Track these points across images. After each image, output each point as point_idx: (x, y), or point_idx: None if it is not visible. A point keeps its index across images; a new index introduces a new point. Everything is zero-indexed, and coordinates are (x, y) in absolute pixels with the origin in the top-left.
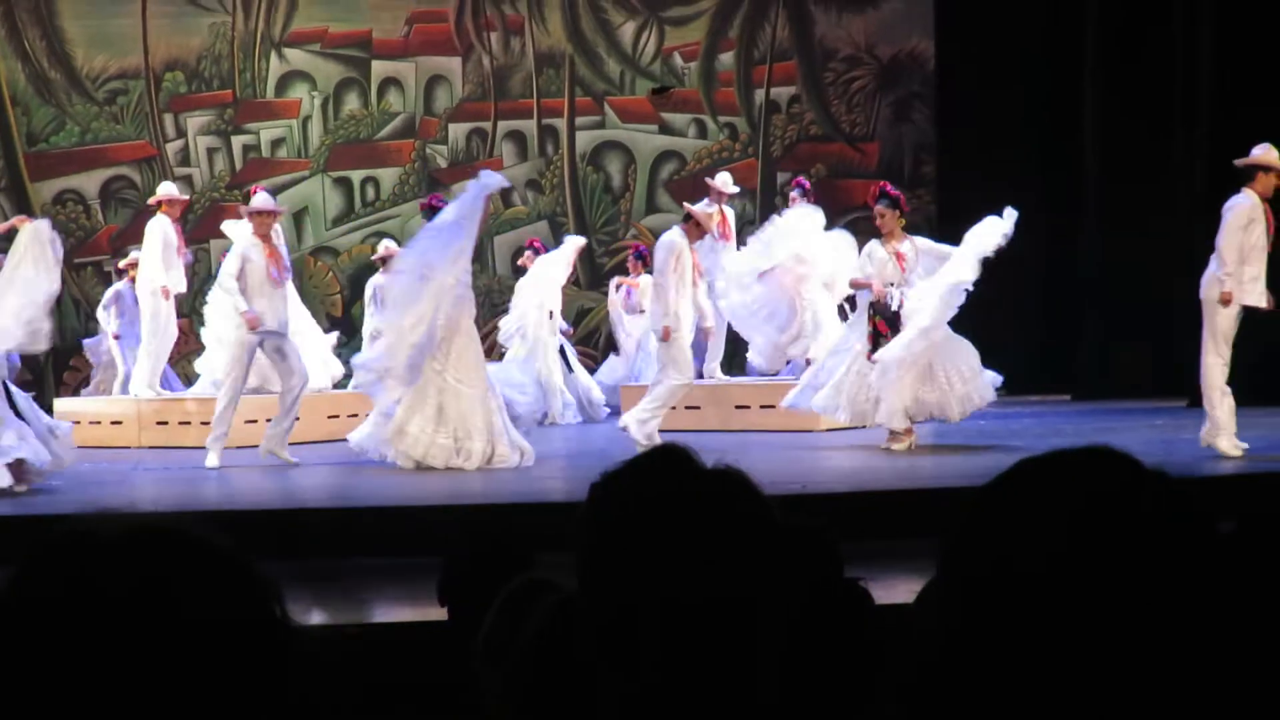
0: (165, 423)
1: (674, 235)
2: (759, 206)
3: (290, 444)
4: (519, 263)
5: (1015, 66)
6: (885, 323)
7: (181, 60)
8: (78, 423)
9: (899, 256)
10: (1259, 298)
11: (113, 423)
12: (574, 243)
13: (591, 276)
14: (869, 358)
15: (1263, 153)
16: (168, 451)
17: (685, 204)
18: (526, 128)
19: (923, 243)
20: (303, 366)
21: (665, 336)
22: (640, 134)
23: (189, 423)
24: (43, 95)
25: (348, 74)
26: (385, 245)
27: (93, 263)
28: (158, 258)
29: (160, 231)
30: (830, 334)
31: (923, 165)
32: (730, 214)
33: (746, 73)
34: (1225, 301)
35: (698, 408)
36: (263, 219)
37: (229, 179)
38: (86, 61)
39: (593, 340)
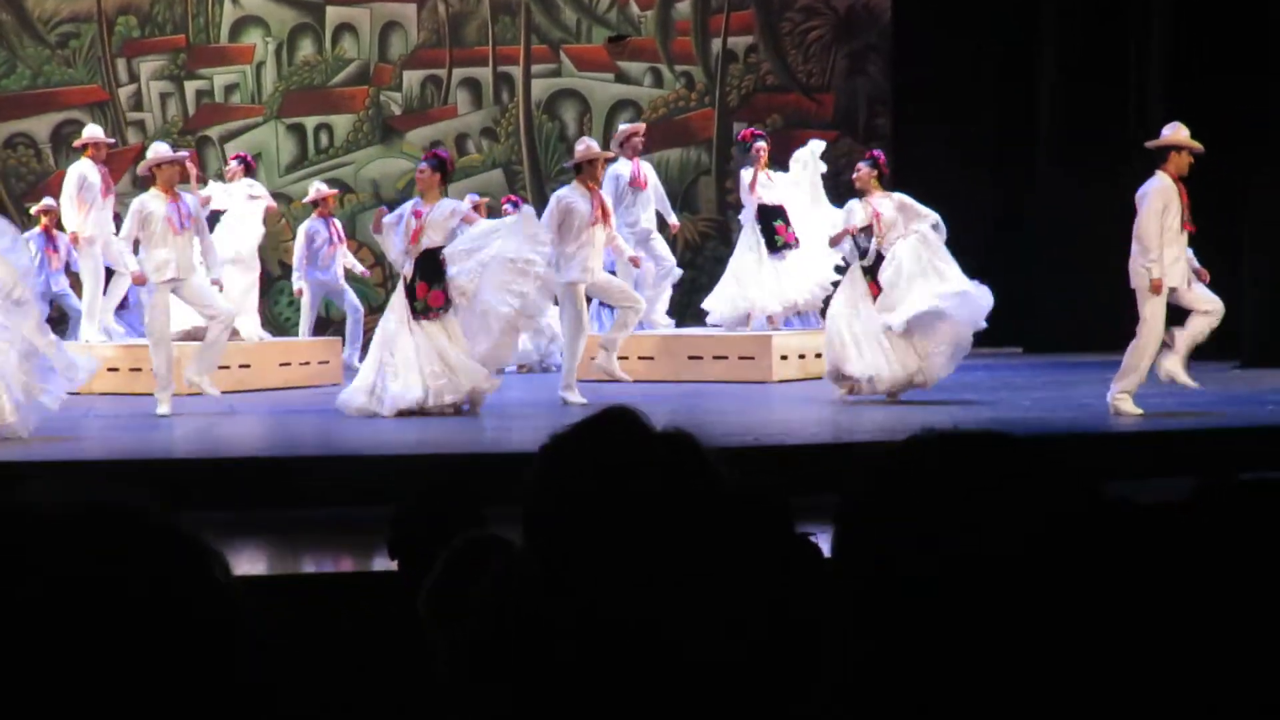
0: (116, 369)
1: (561, 192)
2: (715, 156)
3: (239, 391)
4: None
5: (972, 19)
6: (875, 283)
7: (135, 4)
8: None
9: (876, 215)
10: (1180, 279)
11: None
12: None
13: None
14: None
15: (1173, 132)
16: (120, 399)
17: (574, 154)
18: (482, 75)
19: (903, 200)
20: (222, 302)
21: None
22: (596, 83)
23: (140, 369)
24: None
25: (302, 19)
26: (316, 188)
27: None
28: (72, 202)
29: (77, 175)
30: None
31: (877, 117)
32: (647, 166)
33: (703, 22)
34: (1156, 289)
35: (651, 358)
36: (167, 170)
37: (182, 125)
38: (38, 4)
39: None
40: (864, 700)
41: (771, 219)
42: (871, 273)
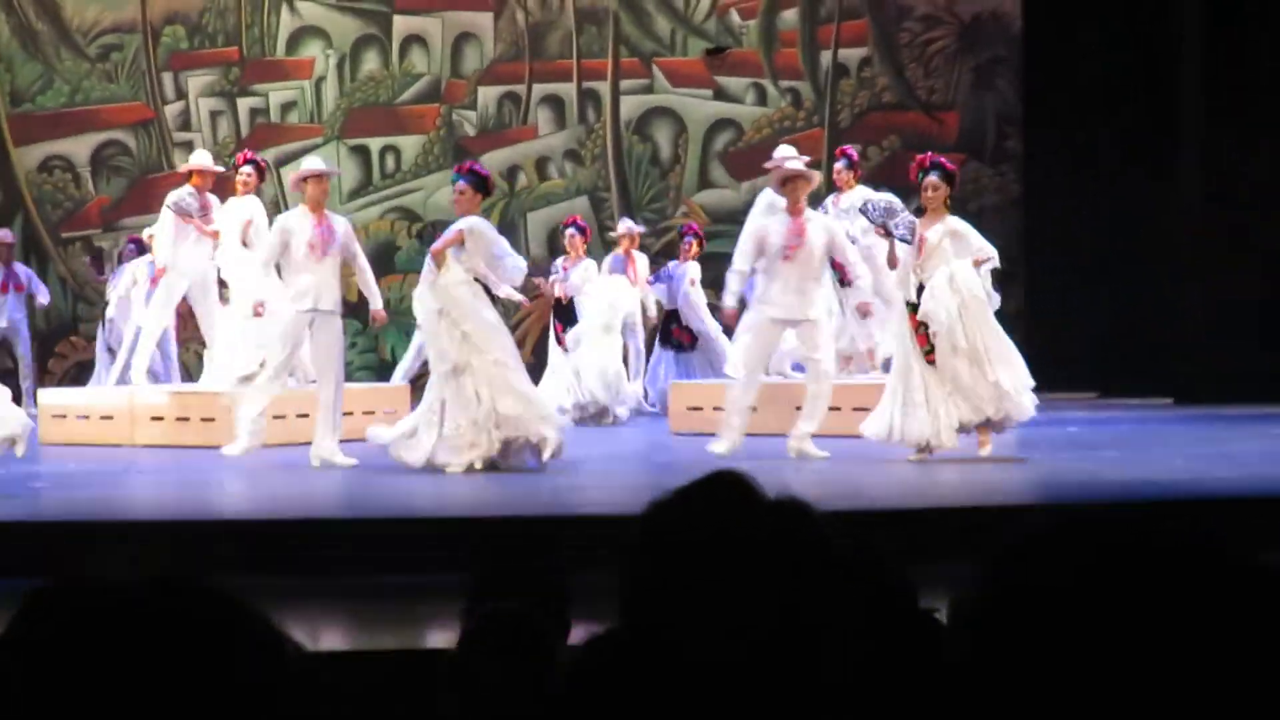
0: (161, 419)
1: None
2: (824, 182)
3: (279, 445)
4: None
5: (1110, 28)
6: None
7: (182, 13)
8: (62, 417)
9: (921, 241)
10: None
11: (103, 417)
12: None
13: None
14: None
15: None
16: (163, 451)
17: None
18: (565, 92)
19: (957, 224)
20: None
21: None
22: (692, 100)
23: (187, 419)
24: (28, 50)
25: (366, 30)
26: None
27: (81, 237)
28: (168, 231)
29: (172, 206)
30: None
31: (1006, 138)
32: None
33: (812, 32)
34: None
35: (754, 409)
36: (316, 186)
37: (234, 146)
38: (77, 13)
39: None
40: None
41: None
42: (913, 307)
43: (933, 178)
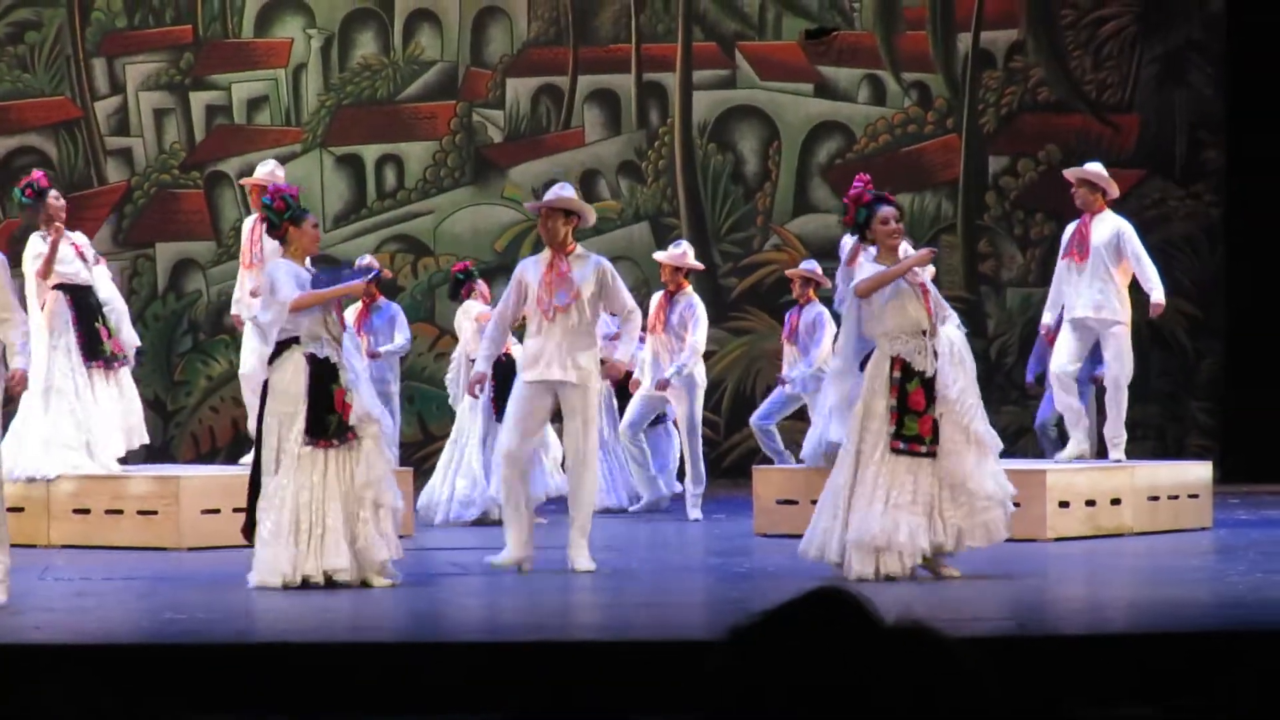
0: (86, 510)
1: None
2: (961, 205)
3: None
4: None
5: None
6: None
7: None
8: None
9: (924, 290)
10: None
11: (10, 509)
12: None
13: (714, 306)
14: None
15: None
16: (85, 553)
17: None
18: (621, 85)
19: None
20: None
21: None
22: (787, 97)
23: (120, 511)
24: None
25: (360, 3)
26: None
27: None
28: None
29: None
30: None
31: (1204, 148)
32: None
33: (945, 9)
34: None
35: None
36: (556, 219)
37: (185, 155)
38: None
39: (714, 397)
40: None
41: None
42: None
43: (885, 209)
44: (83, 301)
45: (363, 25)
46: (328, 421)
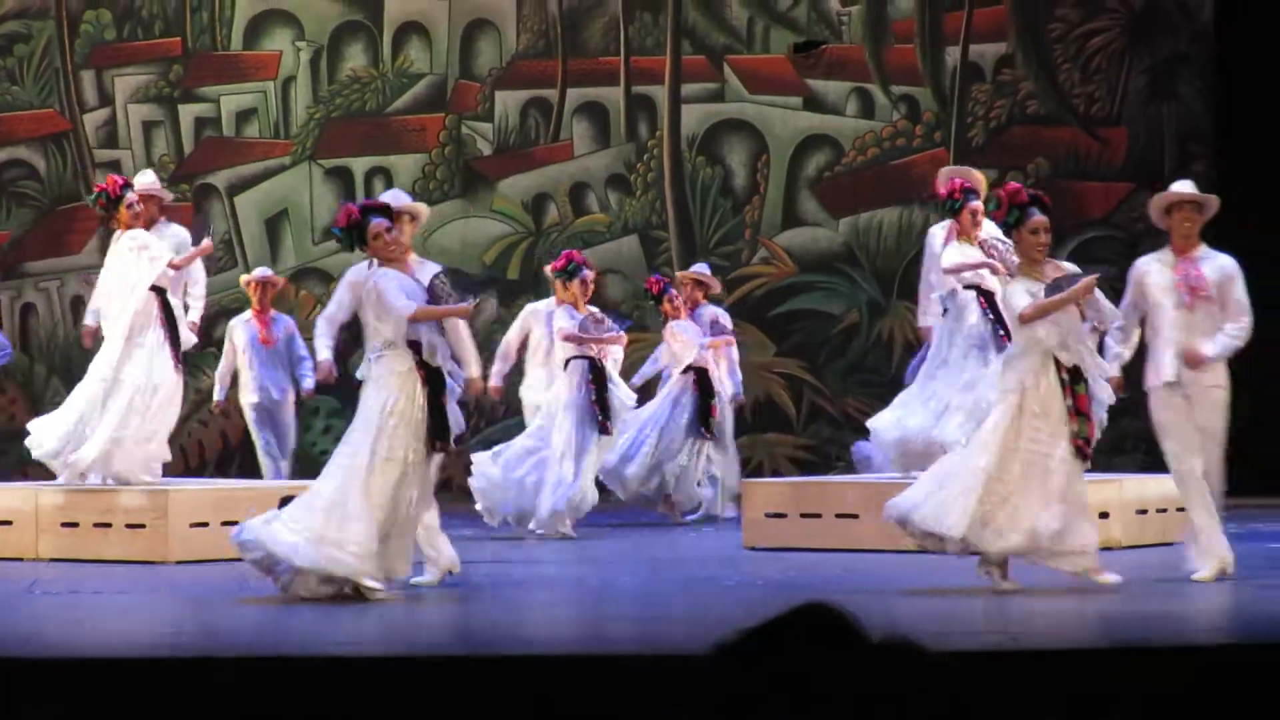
0: (75, 524)
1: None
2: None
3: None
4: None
5: None
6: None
7: None
8: None
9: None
10: None
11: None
12: None
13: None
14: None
15: None
16: (77, 566)
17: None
18: (610, 98)
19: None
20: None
21: None
22: (776, 110)
23: (108, 524)
24: None
25: (349, 15)
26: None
27: None
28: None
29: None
30: None
31: (1193, 161)
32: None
33: (934, 22)
34: None
35: (854, 516)
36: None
37: (174, 168)
38: None
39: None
40: None
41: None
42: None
43: (1044, 219)
44: (167, 302)
45: (352, 38)
46: (445, 431)
